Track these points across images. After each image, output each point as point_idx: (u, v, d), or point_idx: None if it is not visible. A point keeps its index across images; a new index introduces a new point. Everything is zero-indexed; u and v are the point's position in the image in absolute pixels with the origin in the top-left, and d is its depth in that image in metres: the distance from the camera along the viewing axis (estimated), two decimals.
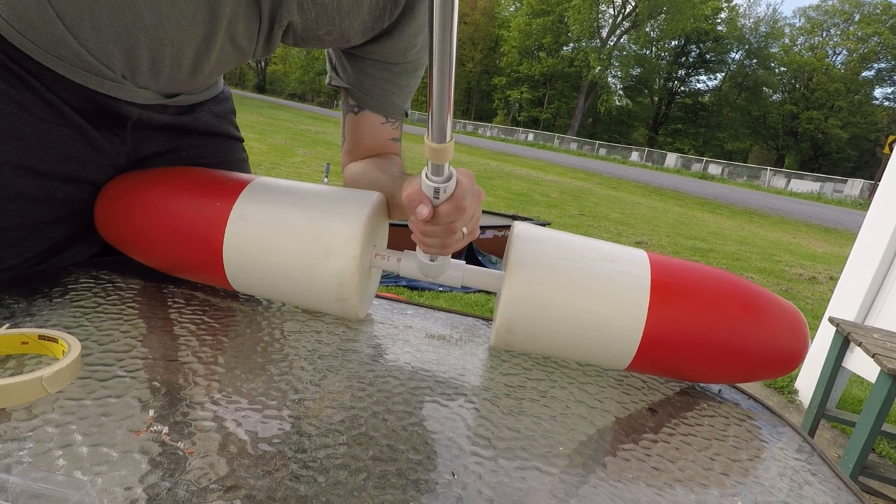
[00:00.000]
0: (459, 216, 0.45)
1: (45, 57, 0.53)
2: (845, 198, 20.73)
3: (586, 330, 0.51)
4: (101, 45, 0.52)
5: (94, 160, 0.60)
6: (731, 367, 0.52)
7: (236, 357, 0.48)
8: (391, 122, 0.73)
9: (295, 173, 6.22)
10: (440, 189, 0.42)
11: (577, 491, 0.37)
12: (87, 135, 0.58)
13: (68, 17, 0.49)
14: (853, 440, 1.50)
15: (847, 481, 0.44)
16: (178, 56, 0.56)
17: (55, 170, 0.56)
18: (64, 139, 0.56)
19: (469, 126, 41.47)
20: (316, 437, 0.38)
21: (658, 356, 0.52)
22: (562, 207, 7.08)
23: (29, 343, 0.42)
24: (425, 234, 0.47)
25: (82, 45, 0.52)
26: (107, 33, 0.51)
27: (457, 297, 2.94)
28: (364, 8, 0.60)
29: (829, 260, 6.39)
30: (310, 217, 0.53)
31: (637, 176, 17.71)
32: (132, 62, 0.55)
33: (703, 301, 0.51)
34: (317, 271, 0.52)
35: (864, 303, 2.16)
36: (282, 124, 13.85)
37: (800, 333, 0.52)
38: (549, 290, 0.50)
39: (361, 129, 0.73)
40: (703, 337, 0.51)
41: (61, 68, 0.54)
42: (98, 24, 0.50)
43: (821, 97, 36.90)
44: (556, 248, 0.53)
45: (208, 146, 0.74)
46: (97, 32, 0.51)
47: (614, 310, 0.50)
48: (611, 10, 41.72)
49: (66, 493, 0.27)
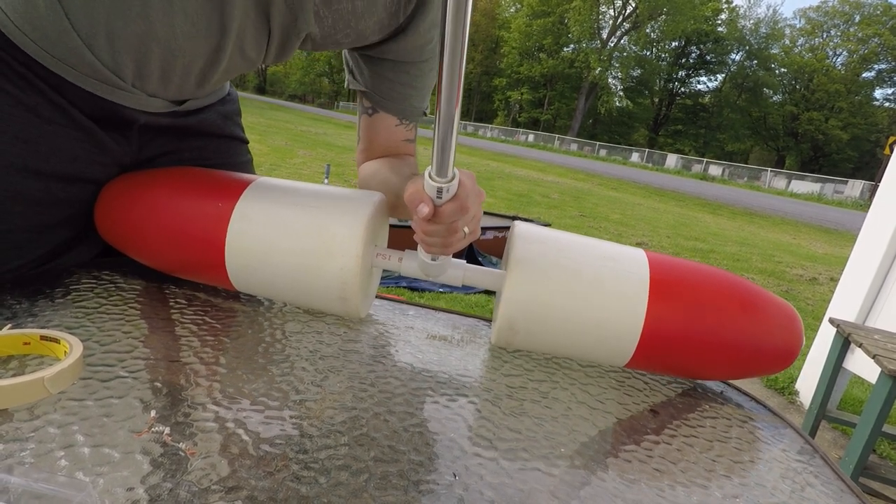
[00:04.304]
0: (462, 216, 0.45)
1: (58, 65, 0.53)
2: (846, 199, 20.73)
3: (586, 327, 0.51)
4: (114, 55, 0.52)
5: (100, 160, 0.60)
6: (728, 363, 0.53)
7: (238, 358, 0.47)
8: (405, 125, 0.74)
9: (295, 174, 6.22)
10: (443, 189, 0.43)
11: (579, 492, 0.37)
12: (94, 136, 0.58)
13: (83, 29, 0.50)
14: (854, 441, 1.49)
15: (850, 483, 0.44)
16: (189, 67, 0.56)
17: (60, 171, 0.57)
18: (71, 141, 0.57)
19: (469, 127, 41.47)
20: (317, 437, 0.38)
21: (657, 352, 0.53)
22: (562, 208, 7.07)
23: (31, 343, 0.42)
24: (427, 234, 0.47)
25: (96, 56, 0.52)
26: (120, 45, 0.51)
27: (458, 298, 2.94)
28: (378, 6, 0.60)
29: (829, 261, 6.39)
30: (312, 217, 0.53)
31: (637, 177, 17.71)
32: (143, 72, 0.55)
33: (701, 299, 0.52)
34: (320, 270, 0.52)
35: (864, 304, 2.16)
36: (282, 125, 13.85)
37: (794, 330, 0.53)
38: (549, 287, 0.51)
39: (376, 131, 0.73)
40: (701, 333, 0.51)
41: (72, 76, 0.54)
42: (112, 35, 0.50)
43: (821, 98, 36.89)
44: (555, 247, 0.53)
45: (211, 147, 0.74)
46: (111, 44, 0.51)
47: (614, 307, 0.51)
48: (611, 11, 41.74)
49: (67, 493, 0.27)
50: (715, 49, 41.68)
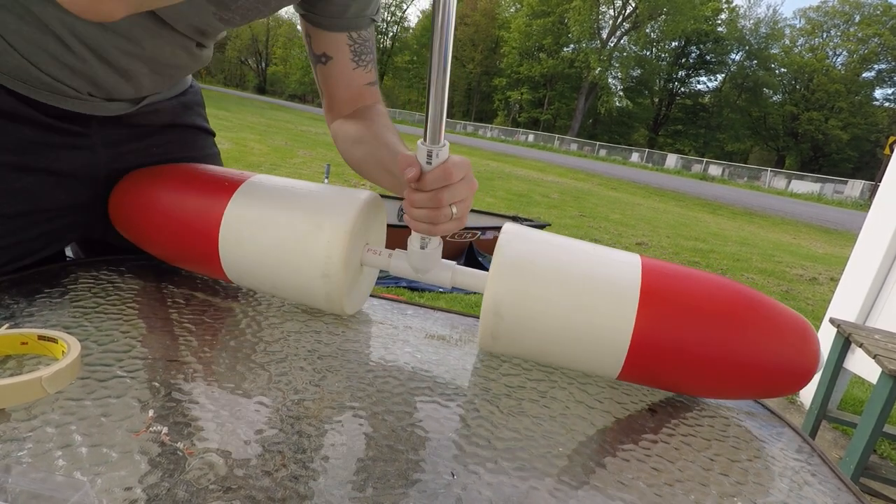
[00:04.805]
0: (447, 184, 0.47)
1: (8, 81, 0.55)
2: (846, 199, 20.71)
3: (571, 334, 0.49)
4: (60, 70, 0.55)
5: (61, 153, 0.60)
6: (730, 383, 0.49)
7: (236, 357, 0.48)
8: (363, 66, 0.70)
9: (296, 174, 6.23)
10: (432, 153, 0.45)
11: (577, 491, 0.37)
12: (52, 128, 0.59)
13: (22, 48, 0.52)
14: (854, 441, 1.49)
15: (847, 481, 0.44)
16: (136, 77, 0.60)
17: (11, 161, 0.57)
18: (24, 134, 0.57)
19: (469, 127, 41.47)
20: (315, 437, 0.38)
21: (648, 365, 0.49)
22: (562, 208, 7.07)
23: (28, 343, 0.42)
24: (414, 204, 0.49)
25: (42, 71, 0.54)
26: (63, 62, 0.54)
27: (457, 298, 2.94)
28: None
29: (829, 261, 6.39)
30: (305, 198, 0.56)
31: (637, 177, 17.70)
32: (93, 87, 0.58)
33: (700, 310, 0.48)
34: (306, 245, 0.53)
35: (865, 304, 2.16)
36: (282, 125, 13.85)
37: (809, 348, 0.48)
38: (531, 292, 0.49)
39: (335, 80, 0.70)
40: (698, 347, 0.47)
41: (23, 89, 0.55)
42: (55, 54, 0.53)
43: (821, 98, 36.88)
44: (542, 250, 0.51)
45: (176, 141, 0.73)
46: (54, 60, 0.54)
47: (601, 315, 0.48)
48: (611, 11, 41.74)
49: (65, 493, 0.27)
50: (715, 49, 41.65)
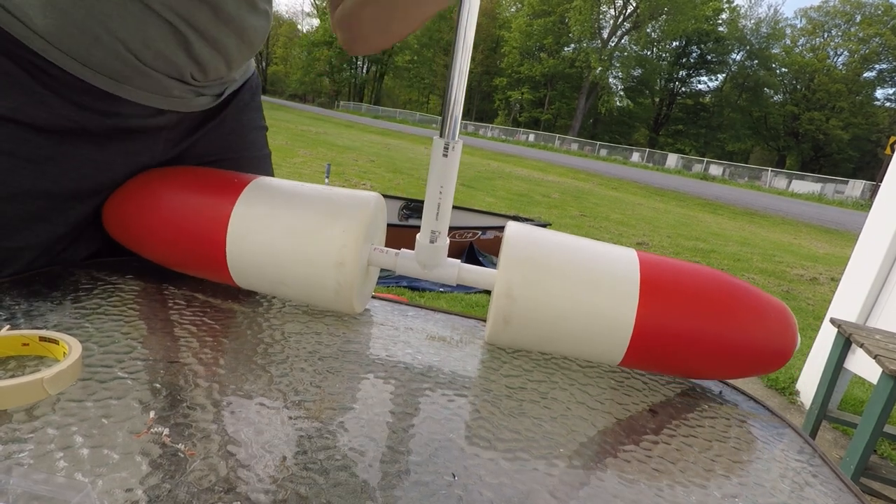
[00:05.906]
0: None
1: (95, 77, 0.54)
2: (846, 199, 20.70)
3: (578, 324, 0.52)
4: (164, 49, 0.54)
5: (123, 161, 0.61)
6: (720, 362, 0.53)
7: (237, 359, 0.48)
8: None
9: (296, 174, 6.23)
10: (448, 146, 0.49)
11: (578, 492, 0.37)
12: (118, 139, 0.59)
13: (123, 34, 0.52)
14: (855, 441, 1.49)
15: (848, 483, 0.44)
16: (224, 48, 0.59)
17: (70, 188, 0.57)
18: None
19: (470, 127, 41.45)
20: (316, 438, 0.38)
21: (649, 350, 0.53)
22: (563, 208, 7.07)
23: (30, 344, 0.42)
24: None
25: (140, 60, 0.54)
26: (165, 43, 0.54)
27: (458, 299, 2.94)
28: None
29: (830, 261, 6.38)
30: (317, 194, 0.56)
31: (638, 177, 17.70)
32: (195, 66, 0.58)
33: (692, 297, 0.52)
34: (321, 234, 0.53)
35: (865, 304, 2.16)
36: (283, 125, 13.86)
37: (788, 329, 0.53)
38: (540, 286, 0.51)
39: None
40: (692, 331, 0.52)
41: (112, 87, 0.55)
42: (156, 36, 0.53)
43: (822, 98, 36.85)
44: (547, 247, 0.54)
45: (233, 141, 0.73)
46: (157, 42, 0.54)
47: (605, 304, 0.51)
48: (612, 10, 41.71)
49: (66, 495, 0.27)
50: (716, 49, 41.62)
